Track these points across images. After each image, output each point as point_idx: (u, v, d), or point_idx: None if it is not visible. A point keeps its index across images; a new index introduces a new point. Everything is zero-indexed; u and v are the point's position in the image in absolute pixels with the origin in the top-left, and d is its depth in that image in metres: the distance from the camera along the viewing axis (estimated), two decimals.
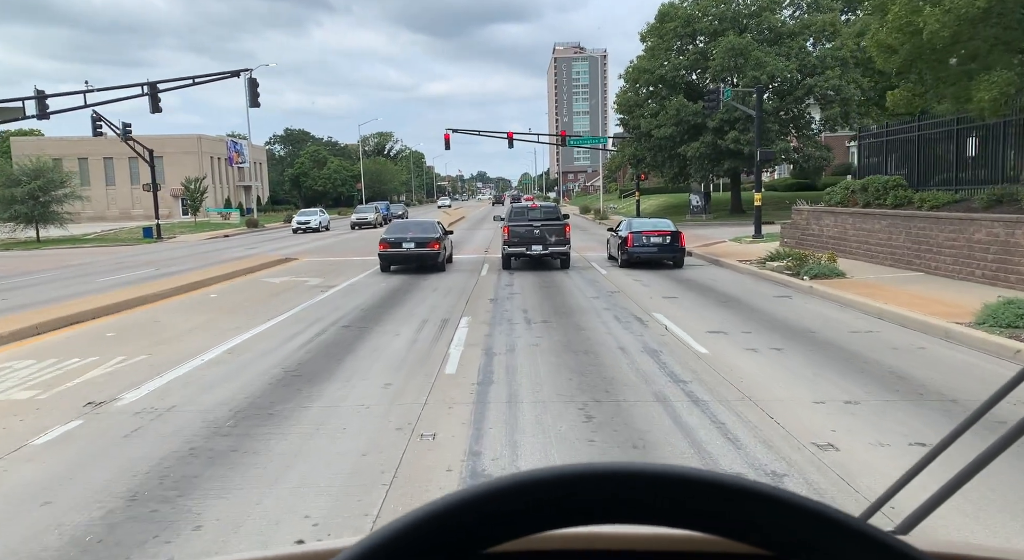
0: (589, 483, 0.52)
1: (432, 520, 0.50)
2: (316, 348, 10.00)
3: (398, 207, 61.33)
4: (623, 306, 13.30)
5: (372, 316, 12.64)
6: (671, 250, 19.70)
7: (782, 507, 0.51)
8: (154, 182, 43.25)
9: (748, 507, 0.52)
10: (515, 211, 21.34)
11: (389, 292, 15.87)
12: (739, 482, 0.53)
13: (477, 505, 0.51)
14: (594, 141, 45.51)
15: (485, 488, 0.52)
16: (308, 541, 3.82)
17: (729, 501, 0.52)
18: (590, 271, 19.69)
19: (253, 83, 24.36)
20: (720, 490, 0.52)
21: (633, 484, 0.52)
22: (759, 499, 0.52)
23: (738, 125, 38.15)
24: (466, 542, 0.51)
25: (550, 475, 0.52)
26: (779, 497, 0.52)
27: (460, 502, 0.51)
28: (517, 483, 0.52)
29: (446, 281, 17.82)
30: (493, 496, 0.51)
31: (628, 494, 0.52)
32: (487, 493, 0.51)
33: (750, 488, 0.52)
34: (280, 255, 27.36)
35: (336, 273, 20.17)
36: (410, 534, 0.50)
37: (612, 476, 0.52)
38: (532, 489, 0.52)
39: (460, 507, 0.51)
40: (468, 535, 0.51)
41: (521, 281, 17.51)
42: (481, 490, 0.52)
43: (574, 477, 0.52)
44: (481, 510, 0.51)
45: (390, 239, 19.42)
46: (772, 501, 0.52)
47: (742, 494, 0.52)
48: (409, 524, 0.50)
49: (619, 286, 16.24)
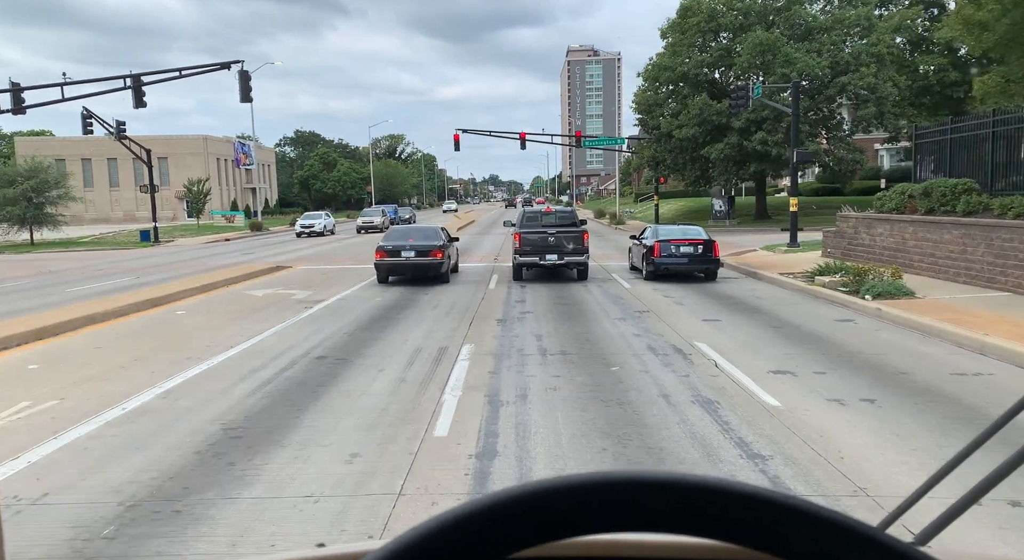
0: (612, 491, 0.52)
1: (454, 526, 0.50)
2: (275, 391, 7.90)
3: (406, 210, 59.25)
4: (657, 331, 11.13)
5: (356, 343, 10.53)
6: (703, 261, 17.50)
7: (803, 517, 0.51)
8: (152, 184, 41.48)
9: (770, 517, 0.52)
10: (527, 216, 19.23)
11: (382, 310, 13.77)
12: (761, 492, 0.53)
13: (499, 512, 0.51)
14: (610, 142, 43.32)
15: (507, 495, 0.52)
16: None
17: (751, 511, 0.52)
18: (611, 284, 17.52)
19: (244, 76, 22.46)
20: (742, 500, 0.52)
21: (656, 493, 0.52)
22: (780, 509, 0.52)
23: (765, 125, 35.86)
24: (487, 548, 0.51)
25: (573, 483, 0.53)
26: (800, 507, 0.52)
27: (482, 508, 0.51)
28: (538, 491, 0.52)
29: (449, 295, 15.71)
30: (515, 503, 0.52)
31: (651, 502, 0.53)
32: (509, 500, 0.52)
33: (772, 498, 0.52)
34: (275, 262, 25.37)
35: (329, 284, 18.11)
36: (432, 539, 0.50)
37: (636, 484, 0.53)
38: (553, 497, 0.52)
39: (482, 513, 0.51)
40: (489, 541, 0.51)
41: (534, 296, 15.37)
42: (503, 497, 0.52)
43: (598, 485, 0.53)
44: (503, 516, 0.51)
45: (388, 247, 17.35)
46: (793, 511, 0.52)
47: (764, 504, 0.52)
48: (431, 529, 0.50)
49: (647, 304, 14.06)
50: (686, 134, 37.57)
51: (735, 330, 11.21)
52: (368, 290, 16.81)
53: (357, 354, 9.76)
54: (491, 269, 21.48)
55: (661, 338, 10.64)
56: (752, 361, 8.98)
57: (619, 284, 17.49)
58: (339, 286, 17.61)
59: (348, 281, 18.63)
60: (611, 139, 43.26)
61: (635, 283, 17.59)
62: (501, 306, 14.07)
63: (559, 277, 18.93)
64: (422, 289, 16.82)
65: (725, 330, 11.22)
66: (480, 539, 0.51)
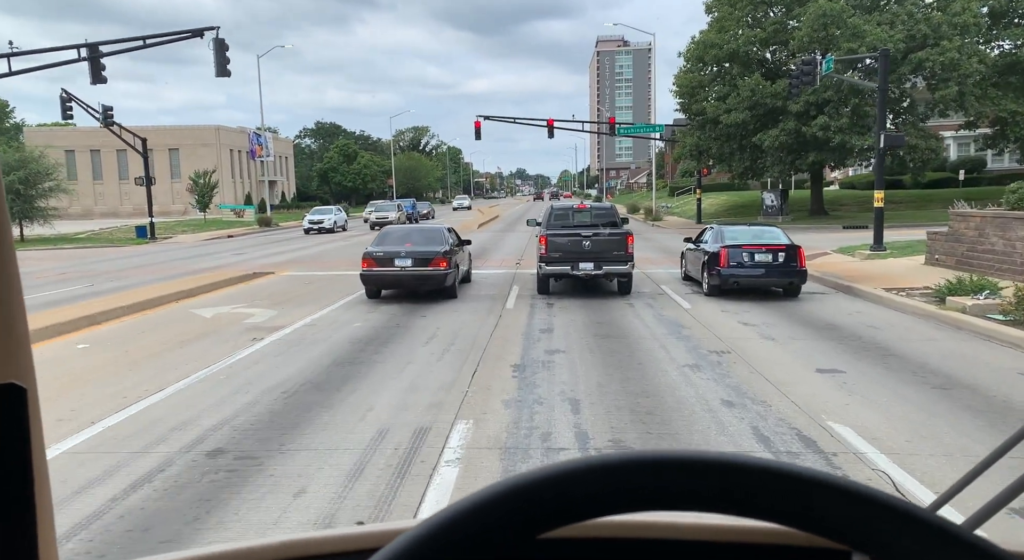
0: (650, 470, 0.52)
1: (487, 505, 0.50)
2: (94, 547, 4.17)
3: (424, 205, 55.43)
4: (757, 394, 7.23)
5: (288, 417, 6.77)
6: (785, 273, 13.50)
7: (855, 499, 0.51)
8: (147, 176, 38.31)
9: (822, 498, 0.51)
10: (555, 214, 15.37)
11: (355, 345, 10.01)
12: (812, 473, 0.51)
13: (533, 490, 0.51)
14: (647, 129, 39.23)
15: (540, 474, 0.52)
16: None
17: (803, 492, 0.51)
18: (663, 301, 13.60)
19: (220, 46, 18.87)
20: (792, 481, 0.51)
21: (701, 473, 0.52)
22: (832, 490, 0.51)
23: (828, 109, 31.49)
24: (521, 526, 0.51)
25: (611, 461, 0.52)
26: (852, 489, 0.51)
27: (516, 487, 0.51)
28: (573, 469, 0.52)
29: (453, 318, 11.92)
30: (549, 482, 0.51)
31: (694, 483, 0.52)
32: (543, 479, 0.51)
33: (823, 479, 0.51)
34: (261, 265, 21.83)
35: (306, 298, 14.42)
36: (467, 517, 0.50)
37: (678, 464, 0.52)
38: (588, 475, 0.51)
39: (516, 492, 0.51)
40: (523, 520, 0.51)
41: (564, 321, 11.52)
42: (536, 476, 0.51)
43: (637, 463, 0.52)
44: (536, 496, 0.51)
45: (378, 253, 13.60)
46: (845, 493, 0.51)
47: (814, 485, 0.51)
48: (467, 508, 0.50)
49: (722, 336, 10.14)
50: (735, 119, 33.31)
51: (877, 393, 7.26)
52: (350, 310, 13.08)
53: (279, 446, 5.99)
54: (511, 278, 17.65)
55: (767, 409, 6.74)
56: (938, 467, 5.09)
57: (673, 301, 13.56)
58: (317, 302, 13.92)
59: (333, 294, 14.94)
60: (648, 126, 39.20)
61: (694, 300, 13.65)
62: (520, 339, 10.24)
63: (595, 290, 15.05)
64: (419, 308, 13.06)
65: (861, 392, 7.28)
66: (512, 518, 0.50)
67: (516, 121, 39.64)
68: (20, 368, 0.69)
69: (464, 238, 16.32)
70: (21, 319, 0.69)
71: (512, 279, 17.33)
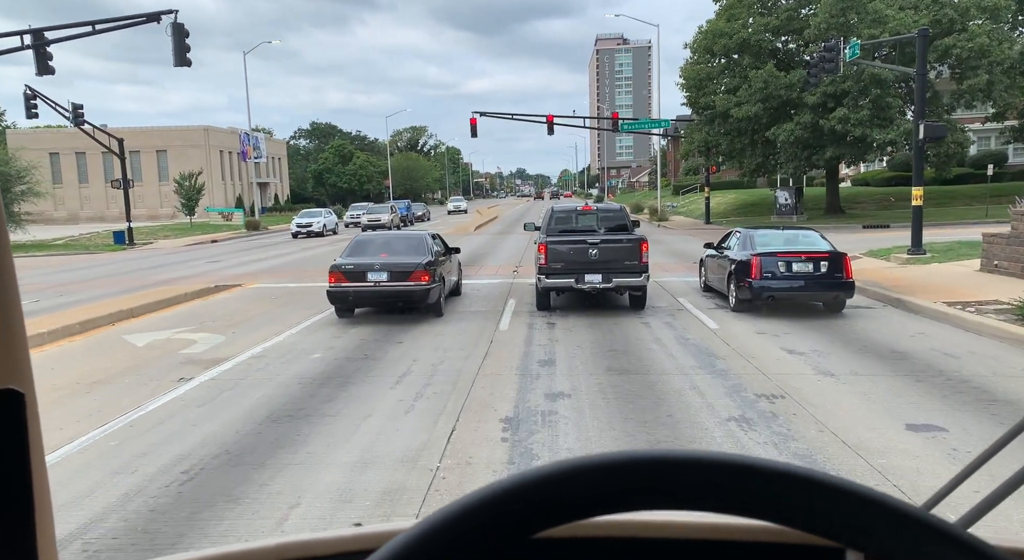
0: (644, 470, 0.52)
1: (484, 505, 0.51)
2: None
3: (419, 206, 53.21)
4: (847, 477, 5.14)
5: (172, 519, 4.70)
6: (830, 285, 11.44)
7: (848, 497, 0.51)
8: (125, 179, 36.37)
9: (815, 497, 0.51)
10: (556, 217, 13.34)
11: (304, 389, 7.94)
12: (805, 472, 0.52)
13: (528, 491, 0.51)
14: (652, 125, 37.11)
15: (535, 474, 0.52)
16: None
17: (796, 491, 0.51)
18: (684, 319, 11.56)
19: (179, 31, 16.78)
20: (785, 480, 0.51)
21: (696, 473, 0.52)
22: (826, 489, 0.51)
23: (847, 100, 29.39)
24: (515, 527, 0.51)
25: (605, 461, 0.52)
26: (845, 487, 0.51)
27: (510, 488, 0.51)
28: (567, 469, 0.52)
29: (433, 346, 9.87)
30: (543, 482, 0.52)
31: (689, 482, 0.52)
32: (538, 479, 0.52)
33: (816, 478, 0.52)
34: (229, 276, 19.82)
35: (265, 319, 12.38)
36: (463, 517, 0.51)
37: (673, 464, 0.52)
38: (582, 475, 0.52)
39: (510, 493, 0.51)
40: (517, 520, 0.51)
41: (569, 350, 9.47)
42: (531, 476, 0.52)
43: (631, 463, 0.52)
44: (531, 496, 0.51)
45: (347, 267, 11.54)
46: (838, 491, 0.51)
47: (808, 483, 0.51)
48: (463, 508, 0.51)
49: (770, 373, 8.09)
50: (746, 113, 31.21)
51: (1004, 467, 5.18)
52: (313, 334, 11.02)
53: None
54: (507, 289, 15.60)
55: None
56: None
57: (696, 319, 11.52)
58: (278, 323, 11.87)
59: (299, 312, 12.90)
60: (653, 121, 37.15)
61: (721, 318, 11.60)
62: (514, 376, 8.18)
63: (603, 304, 13.03)
64: (397, 330, 11.01)
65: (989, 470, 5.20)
66: (507, 518, 0.51)
67: (514, 117, 37.58)
68: (18, 373, 0.70)
69: (452, 246, 14.27)
70: (19, 325, 0.71)
71: (508, 291, 15.28)
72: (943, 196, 39.91)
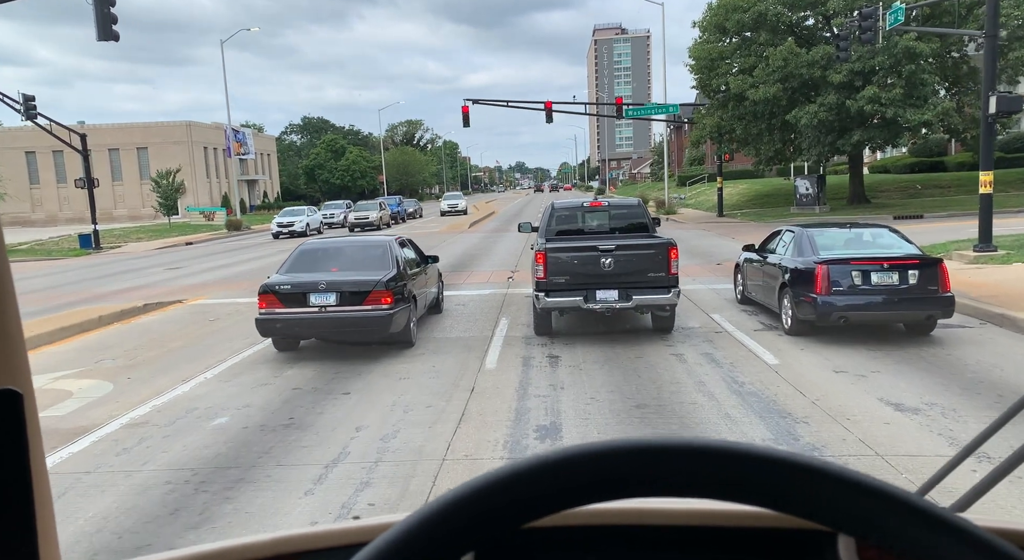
0: (636, 457, 0.52)
1: (476, 494, 0.51)
2: None
3: (411, 203, 50.19)
4: None
5: None
6: (923, 302, 8.66)
7: (840, 483, 0.51)
8: (89, 178, 33.64)
9: (808, 483, 0.52)
10: (558, 216, 10.58)
11: (168, 495, 5.15)
12: (800, 459, 0.52)
13: (519, 480, 0.52)
14: (660, 110, 34.31)
15: (526, 464, 0.52)
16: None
17: (790, 478, 0.52)
18: (728, 347, 8.78)
19: (101, 2, 14.05)
20: (780, 466, 0.52)
21: (690, 459, 0.52)
22: (818, 474, 0.52)
23: (876, 78, 26.53)
24: (507, 516, 0.52)
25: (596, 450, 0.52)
26: (838, 473, 0.52)
27: (498, 479, 0.52)
28: (558, 458, 0.52)
29: (389, 402, 7.10)
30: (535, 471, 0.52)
31: (683, 469, 0.52)
32: (528, 468, 0.52)
33: (812, 465, 0.52)
34: (180, 288, 17.11)
35: (182, 354, 9.61)
36: (456, 507, 0.51)
37: (667, 451, 0.52)
38: (573, 464, 0.52)
39: (502, 482, 0.52)
40: (509, 509, 0.52)
41: (579, 404, 6.69)
42: (522, 466, 0.52)
43: (624, 451, 0.52)
44: (522, 485, 0.52)
45: (283, 287, 8.72)
46: (830, 477, 0.51)
47: (801, 470, 0.52)
48: (455, 498, 0.51)
49: (887, 449, 5.31)
50: (764, 94, 28.32)
51: None
52: (235, 377, 8.24)
53: None
54: (500, 303, 12.84)
55: None
56: None
57: (744, 348, 8.75)
58: (194, 362, 9.09)
59: (231, 342, 10.12)
60: (660, 106, 34.37)
61: (775, 344, 8.84)
62: (501, 460, 5.40)
63: (620, 323, 10.28)
64: (347, 372, 8.24)
65: None
66: (499, 507, 0.51)
67: (509, 105, 34.74)
68: (17, 374, 0.71)
69: (430, 254, 11.50)
70: (16, 326, 0.72)
71: (501, 305, 12.52)
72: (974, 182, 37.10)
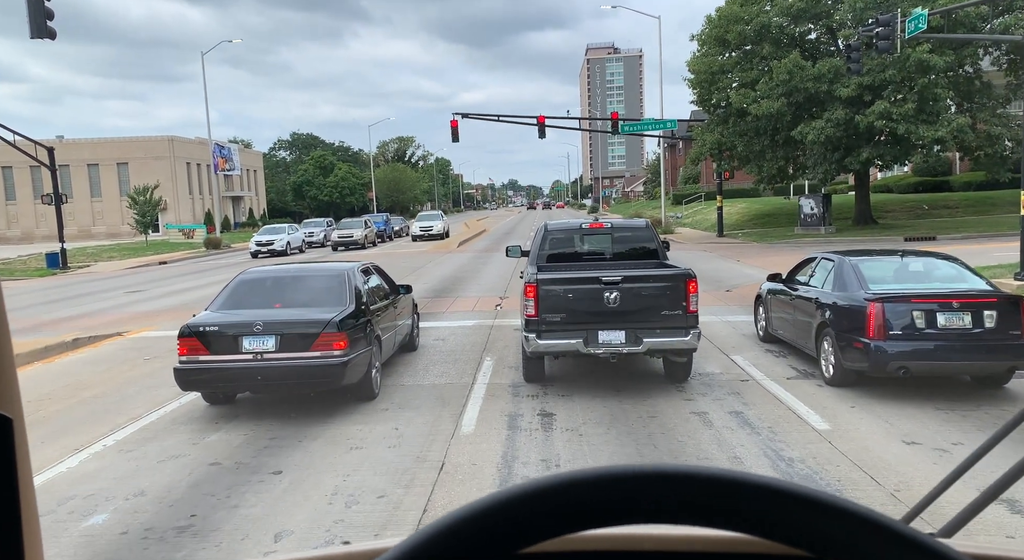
0: (621, 485, 0.52)
1: (472, 519, 0.51)
2: None
3: (398, 221, 48.48)
4: None
5: None
6: (1000, 350, 7.03)
7: (826, 510, 0.51)
8: (57, 195, 31.83)
9: (792, 509, 0.51)
10: (552, 239, 8.98)
11: None
12: (784, 485, 0.52)
13: (514, 506, 0.52)
14: (658, 126, 32.94)
15: (520, 490, 0.52)
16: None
17: (773, 504, 0.52)
18: (759, 402, 7.13)
19: None
20: (764, 492, 0.52)
21: (670, 486, 0.52)
22: (803, 502, 0.51)
23: (887, 92, 25.17)
24: (500, 542, 0.52)
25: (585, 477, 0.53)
26: (825, 501, 0.51)
27: (496, 504, 0.52)
28: (552, 485, 0.53)
29: (328, 491, 5.39)
30: (528, 498, 0.52)
31: (671, 495, 0.52)
32: (523, 495, 0.52)
33: (795, 491, 0.52)
34: (130, 315, 15.38)
35: (84, 411, 7.87)
36: (450, 533, 0.51)
37: (654, 477, 0.52)
38: (570, 490, 0.52)
39: (496, 508, 0.52)
40: (504, 535, 0.52)
41: None
42: (517, 492, 0.52)
43: (608, 479, 0.53)
44: (515, 511, 0.52)
45: (208, 328, 7.01)
46: (816, 504, 0.51)
47: (786, 497, 0.52)
48: (450, 524, 0.51)
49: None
50: (767, 109, 26.94)
51: None
52: (139, 447, 6.52)
53: None
54: (485, 338, 11.15)
55: None
56: None
57: (781, 404, 7.10)
58: (98, 422, 7.35)
59: (155, 391, 8.39)
60: (658, 122, 32.99)
61: (818, 399, 7.20)
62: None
63: (623, 367, 8.62)
64: (284, 439, 6.53)
65: None
66: (497, 531, 0.51)
67: (500, 119, 33.27)
68: (6, 399, 0.71)
69: (402, 283, 9.83)
70: (6, 350, 0.72)
71: (486, 341, 10.84)
72: (982, 202, 35.75)
